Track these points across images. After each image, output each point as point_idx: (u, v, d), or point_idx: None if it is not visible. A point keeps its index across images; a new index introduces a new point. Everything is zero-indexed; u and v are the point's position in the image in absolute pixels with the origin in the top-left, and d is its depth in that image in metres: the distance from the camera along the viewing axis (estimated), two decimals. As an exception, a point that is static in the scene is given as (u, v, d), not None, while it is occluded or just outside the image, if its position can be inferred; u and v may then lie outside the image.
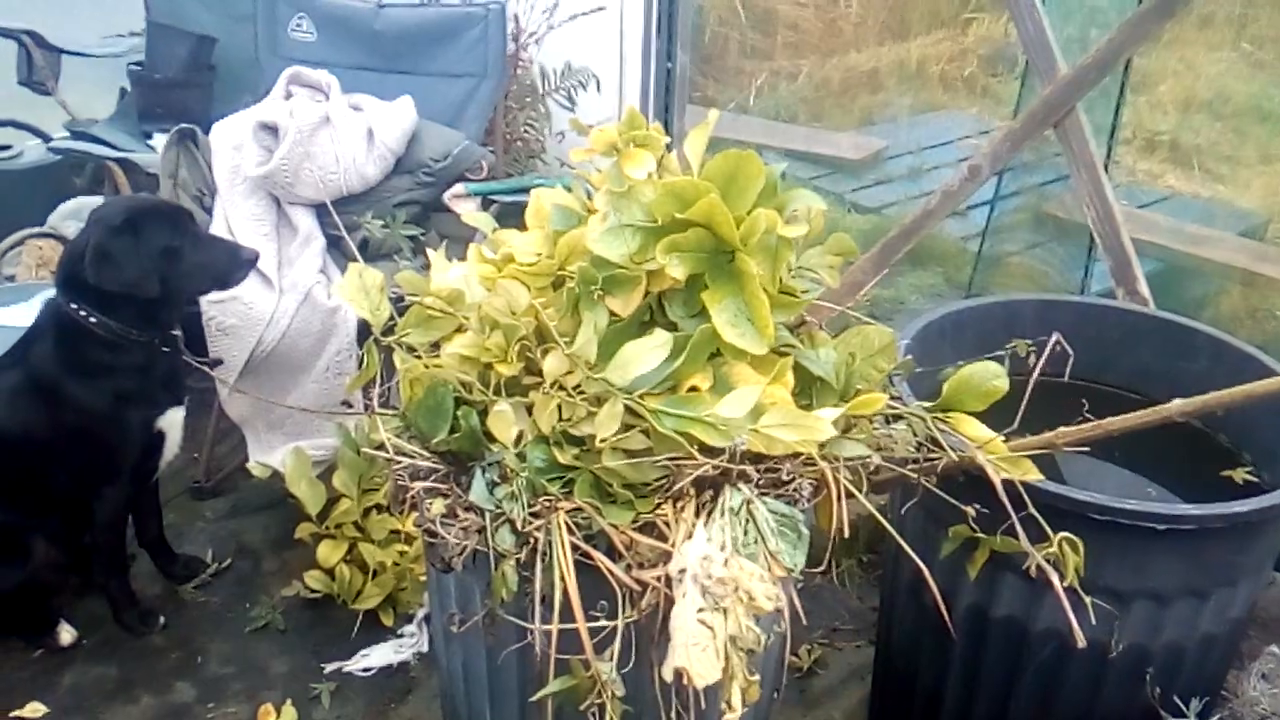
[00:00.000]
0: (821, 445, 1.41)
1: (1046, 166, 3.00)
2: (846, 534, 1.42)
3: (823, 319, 1.65)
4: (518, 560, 1.33)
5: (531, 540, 1.33)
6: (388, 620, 2.28)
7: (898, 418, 1.56)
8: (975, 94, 4.91)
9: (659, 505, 1.37)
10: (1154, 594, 1.64)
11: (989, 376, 1.49)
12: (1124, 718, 1.75)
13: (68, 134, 3.24)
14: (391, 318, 1.51)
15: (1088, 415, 1.50)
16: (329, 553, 2.24)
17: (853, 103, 4.92)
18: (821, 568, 1.96)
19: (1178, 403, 1.41)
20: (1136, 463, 1.96)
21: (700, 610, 1.30)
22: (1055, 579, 1.31)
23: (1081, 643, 1.27)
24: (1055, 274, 2.82)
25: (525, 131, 2.92)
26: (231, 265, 2.09)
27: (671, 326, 1.44)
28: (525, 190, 2.38)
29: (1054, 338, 1.54)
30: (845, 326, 1.63)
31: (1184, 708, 1.69)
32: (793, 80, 4.99)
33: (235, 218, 2.39)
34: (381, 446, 1.43)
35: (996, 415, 1.57)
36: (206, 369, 2.09)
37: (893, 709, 2.08)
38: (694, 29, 4.50)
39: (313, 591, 2.28)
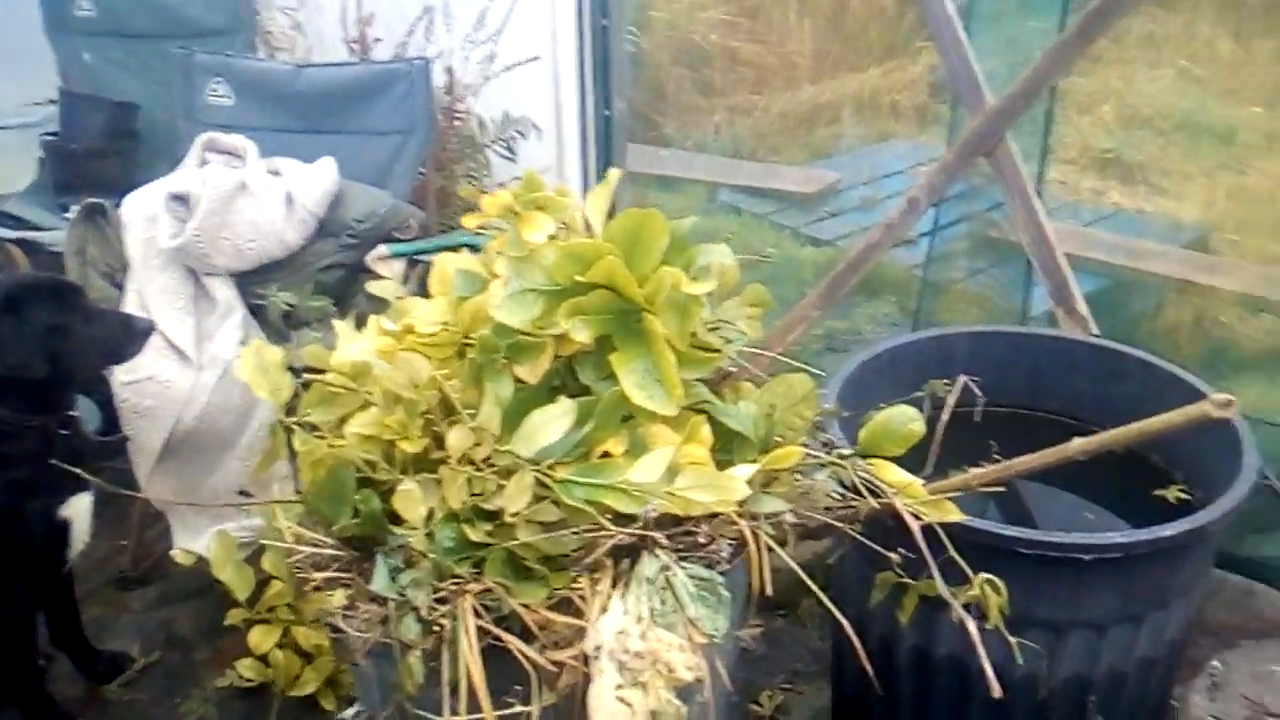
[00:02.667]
0: (741, 503, 1.40)
1: (989, 192, 3.02)
2: (768, 592, 1.40)
3: (765, 367, 1.65)
4: (424, 650, 1.30)
5: (438, 628, 1.30)
6: (329, 705, 2.21)
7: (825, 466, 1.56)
8: (927, 122, 4.96)
9: (575, 579, 1.36)
10: (1089, 623, 1.67)
11: (905, 421, 1.50)
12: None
13: (-23, 210, 3.18)
14: (296, 395, 1.49)
15: (997, 456, 1.50)
16: (262, 638, 2.19)
17: (808, 135, 4.97)
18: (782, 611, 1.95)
19: (1077, 442, 1.42)
20: (1078, 486, 1.99)
21: (619, 687, 1.28)
22: (971, 624, 1.30)
23: (997, 692, 1.26)
24: (999, 298, 2.83)
25: (466, 185, 2.91)
26: (125, 338, 2.02)
27: (584, 390, 1.43)
28: (452, 248, 2.38)
29: (960, 381, 1.54)
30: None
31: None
32: (749, 116, 5.03)
33: (149, 293, 2.36)
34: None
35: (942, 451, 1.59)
36: (114, 448, 2.03)
37: (851, 752, 2.08)
38: (635, 72, 4.55)
39: (247, 680, 2.23)
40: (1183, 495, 1.89)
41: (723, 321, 1.55)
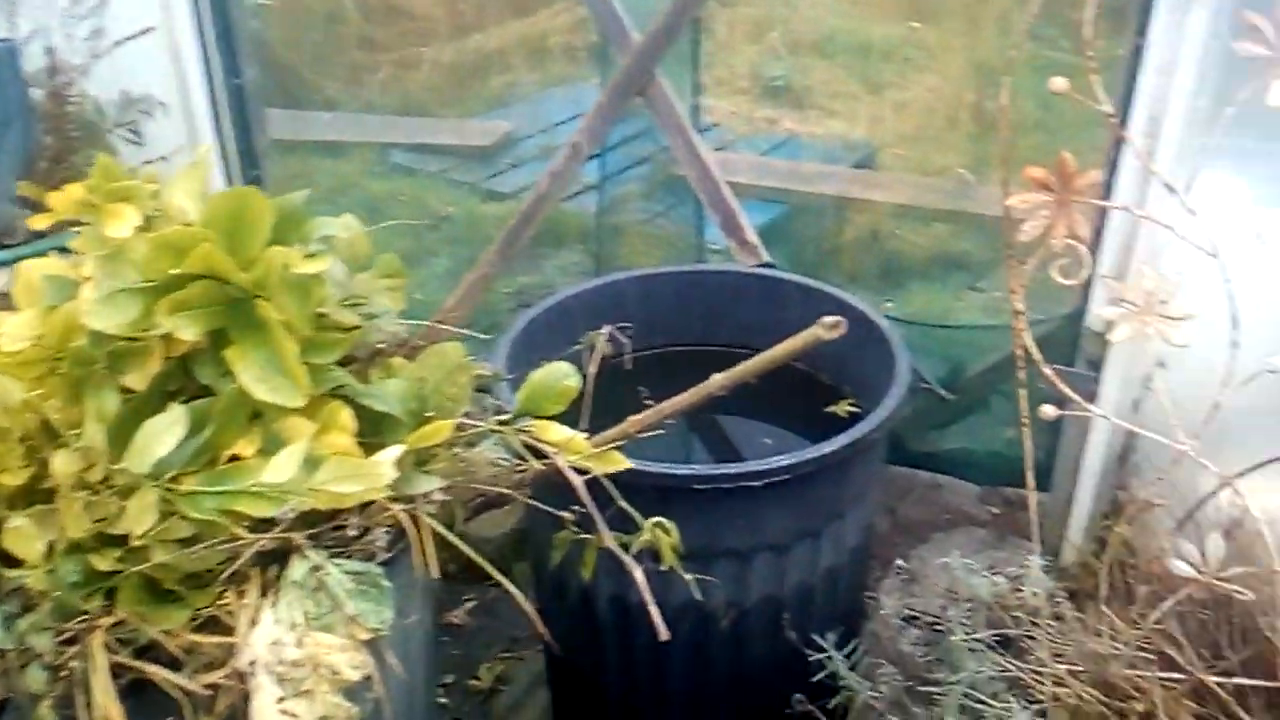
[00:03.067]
0: (394, 486, 1.33)
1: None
2: (437, 575, 1.35)
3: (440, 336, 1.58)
4: (55, 698, 1.18)
5: (66, 672, 1.19)
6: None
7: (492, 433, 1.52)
8: (598, 63, 4.96)
9: (221, 594, 1.26)
10: (771, 545, 1.71)
11: (561, 377, 1.47)
12: (772, 665, 1.82)
13: None
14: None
15: (648, 401, 1.51)
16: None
17: (482, 86, 4.86)
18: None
19: (717, 377, 1.43)
20: (760, 411, 2.04)
21: (281, 700, 1.21)
22: (638, 571, 1.30)
23: (665, 635, 1.27)
24: (679, 237, 2.87)
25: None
26: None
27: (206, 391, 1.32)
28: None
29: (604, 330, 1.52)
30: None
31: (821, 641, 1.75)
32: (418, 70, 4.87)
33: None
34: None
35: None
36: None
37: (570, 707, 2.09)
38: (287, 33, 4.30)
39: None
40: (852, 408, 1.98)
41: (357, 297, 1.47)
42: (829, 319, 1.39)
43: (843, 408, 1.98)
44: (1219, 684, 1.84)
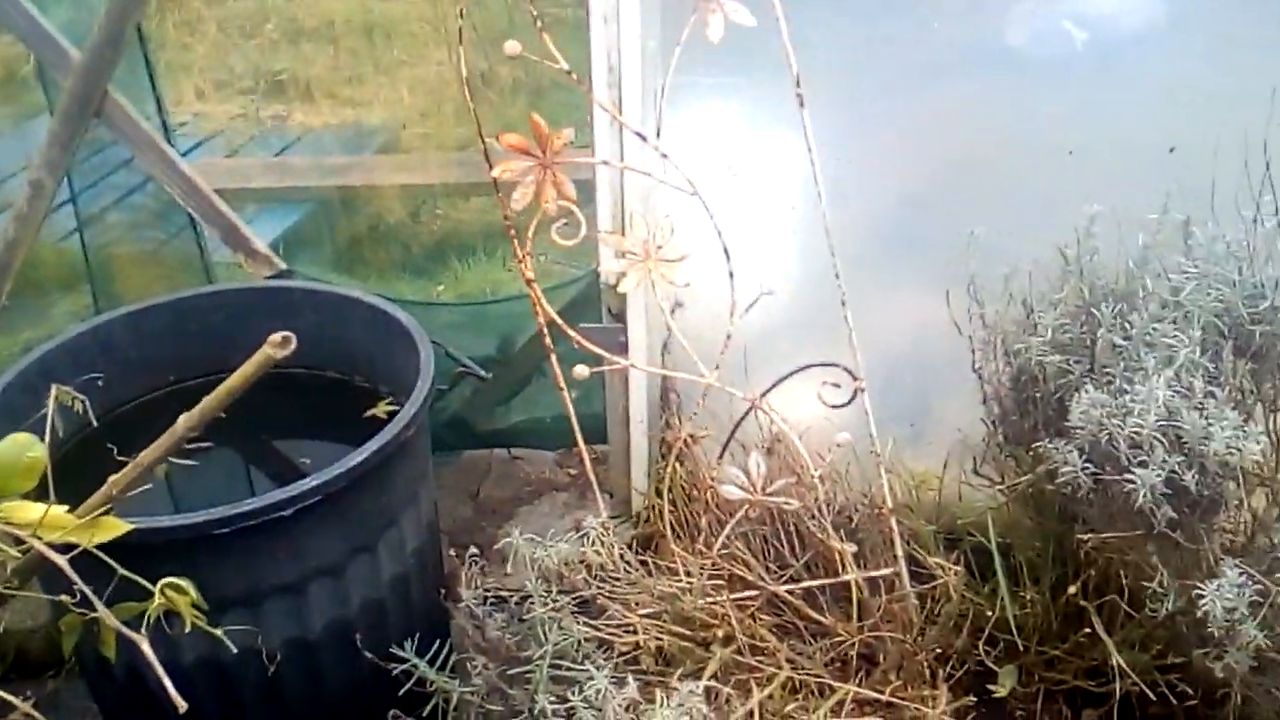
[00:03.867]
0: None
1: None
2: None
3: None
4: None
5: None
6: None
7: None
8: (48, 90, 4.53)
9: None
10: (324, 569, 1.65)
11: (23, 449, 1.32)
12: (355, 688, 1.78)
13: None
14: None
15: (121, 459, 1.39)
16: None
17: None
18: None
19: (182, 420, 1.34)
20: (299, 428, 1.96)
21: None
22: (144, 645, 1.19)
23: (182, 706, 1.18)
24: (187, 261, 2.69)
25: None
26: None
27: None
28: None
29: (53, 391, 1.37)
30: None
31: (402, 651, 1.71)
32: None
33: None
34: None
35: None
36: None
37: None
38: None
39: None
40: (392, 408, 1.93)
41: None
42: (277, 336, 1.33)
43: (382, 409, 1.93)
44: (789, 591, 1.99)
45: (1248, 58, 1.98)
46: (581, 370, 1.89)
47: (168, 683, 1.15)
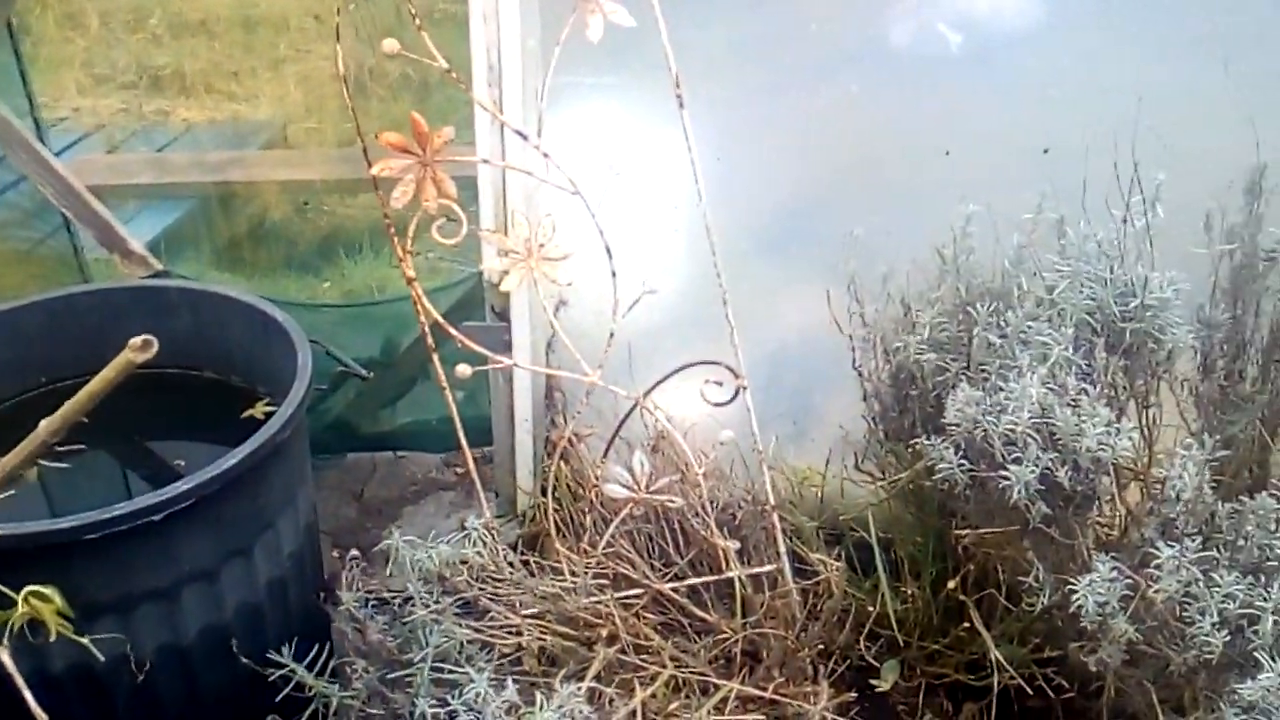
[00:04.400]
0: None
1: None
2: None
3: None
4: None
5: None
6: None
7: None
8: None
9: None
10: (198, 574, 1.63)
11: None
12: (233, 693, 1.75)
13: None
14: None
15: None
16: None
17: None
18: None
19: (43, 425, 1.32)
20: (175, 430, 1.93)
21: None
22: (4, 656, 1.17)
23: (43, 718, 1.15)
24: (62, 260, 2.62)
25: None
26: None
27: None
28: None
29: None
30: None
31: (280, 656, 1.69)
32: None
33: None
34: None
35: None
36: None
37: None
38: None
39: None
40: (270, 409, 1.90)
41: None
42: (137, 340, 1.31)
43: (260, 410, 1.90)
44: (674, 589, 2.01)
45: (1117, 59, 2.04)
46: (464, 369, 1.88)
47: (27, 694, 1.13)
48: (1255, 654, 1.41)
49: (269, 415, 1.89)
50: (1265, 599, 1.41)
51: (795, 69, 2.04)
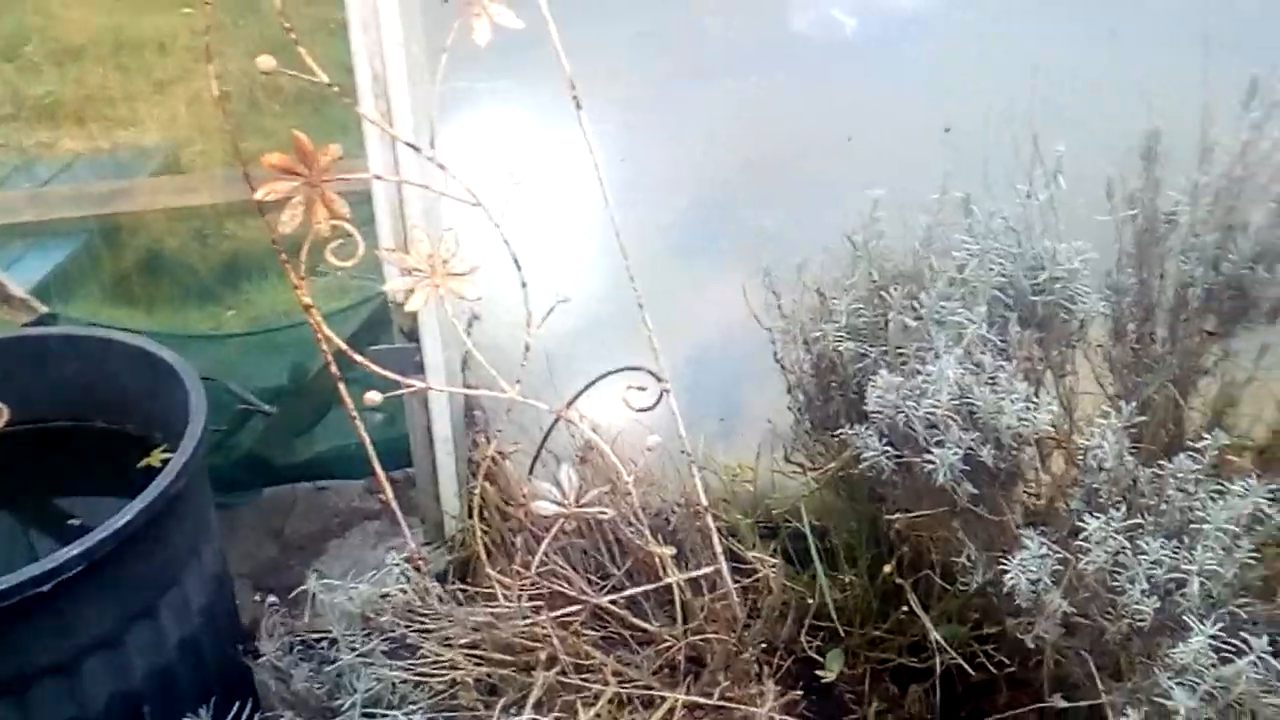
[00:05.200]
0: None
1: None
2: None
3: None
4: None
5: None
6: None
7: None
8: None
9: None
10: (100, 643, 1.51)
11: None
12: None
13: None
14: None
15: None
16: None
17: None
18: None
19: None
20: (61, 488, 1.82)
21: None
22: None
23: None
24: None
25: None
26: None
27: None
28: None
29: None
30: None
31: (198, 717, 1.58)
32: None
33: None
34: None
35: None
36: None
37: None
38: None
39: None
40: (167, 455, 1.78)
41: None
42: None
43: (157, 457, 1.79)
44: (612, 602, 1.93)
45: (1010, 36, 2.01)
46: (373, 397, 1.77)
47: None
48: (1184, 617, 1.39)
49: (166, 463, 1.77)
50: (1190, 562, 1.40)
51: (694, 64, 1.98)
